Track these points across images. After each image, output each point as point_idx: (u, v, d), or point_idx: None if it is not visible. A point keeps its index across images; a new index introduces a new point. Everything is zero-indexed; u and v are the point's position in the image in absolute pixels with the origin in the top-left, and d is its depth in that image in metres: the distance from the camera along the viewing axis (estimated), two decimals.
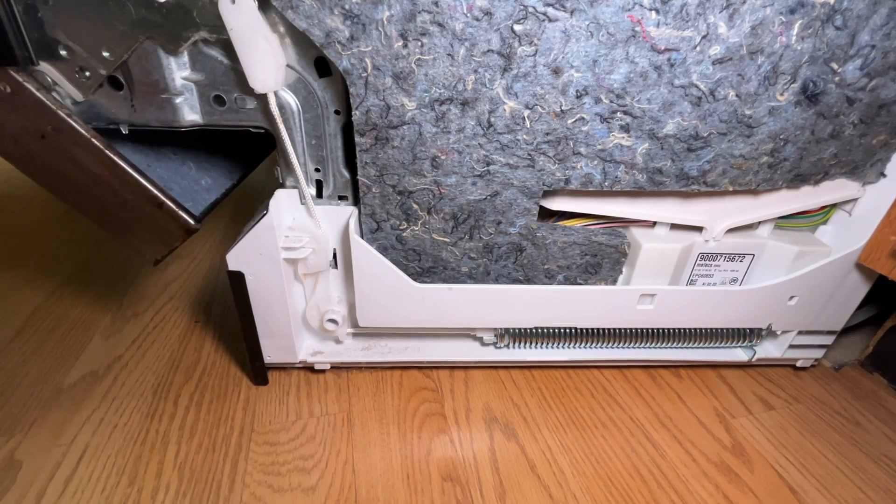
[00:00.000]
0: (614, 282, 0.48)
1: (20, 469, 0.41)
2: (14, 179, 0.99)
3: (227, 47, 0.36)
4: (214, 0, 0.33)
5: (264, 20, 0.34)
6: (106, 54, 0.35)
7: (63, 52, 0.35)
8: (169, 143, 0.43)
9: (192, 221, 0.40)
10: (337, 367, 0.53)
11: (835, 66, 0.37)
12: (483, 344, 0.53)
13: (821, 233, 0.50)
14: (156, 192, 0.39)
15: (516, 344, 0.52)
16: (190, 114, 0.38)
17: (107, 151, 0.37)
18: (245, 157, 0.39)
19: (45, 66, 0.35)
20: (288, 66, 0.37)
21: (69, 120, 0.36)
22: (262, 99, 0.37)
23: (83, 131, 0.36)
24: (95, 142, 0.36)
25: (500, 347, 0.52)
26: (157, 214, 0.39)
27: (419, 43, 0.34)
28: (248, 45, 0.34)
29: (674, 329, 0.51)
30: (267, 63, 0.35)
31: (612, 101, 0.37)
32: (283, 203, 0.43)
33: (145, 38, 0.35)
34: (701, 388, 0.53)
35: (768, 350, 0.55)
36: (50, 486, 0.40)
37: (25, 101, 0.34)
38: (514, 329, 0.51)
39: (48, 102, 0.35)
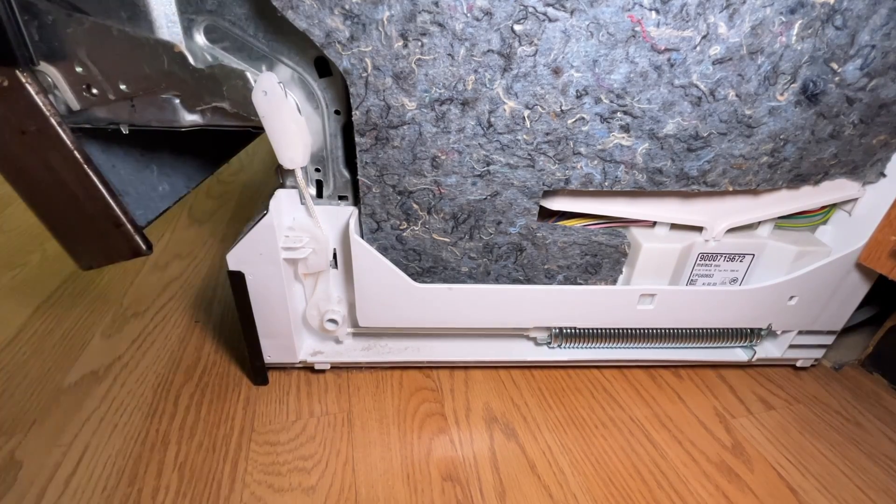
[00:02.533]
0: (614, 282, 0.48)
1: (20, 469, 0.41)
2: None
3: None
4: (248, 86, 0.36)
5: (292, 105, 0.37)
6: (122, 86, 0.36)
7: (78, 69, 0.35)
8: (139, 140, 0.43)
9: (143, 247, 0.40)
10: (337, 367, 0.53)
11: (835, 66, 0.37)
12: (537, 344, 0.53)
13: (821, 233, 0.50)
14: (119, 212, 0.38)
15: (569, 344, 0.52)
16: (190, 114, 0.38)
17: (84, 165, 0.36)
18: (214, 154, 0.39)
19: (49, 70, 0.35)
20: (288, 65, 0.37)
21: (57, 127, 0.35)
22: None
23: (67, 142, 0.36)
24: (76, 154, 0.36)
25: (553, 348, 0.53)
26: (112, 232, 0.39)
27: (419, 43, 0.34)
28: (278, 130, 0.37)
29: (674, 329, 0.51)
30: (296, 144, 0.38)
31: (612, 101, 0.37)
32: (283, 203, 0.43)
33: (167, 87, 0.36)
34: (701, 388, 0.53)
35: (768, 350, 0.55)
36: (50, 486, 0.40)
37: (19, 97, 0.34)
38: (567, 329, 0.51)
39: (41, 105, 0.35)
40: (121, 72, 0.35)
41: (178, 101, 0.37)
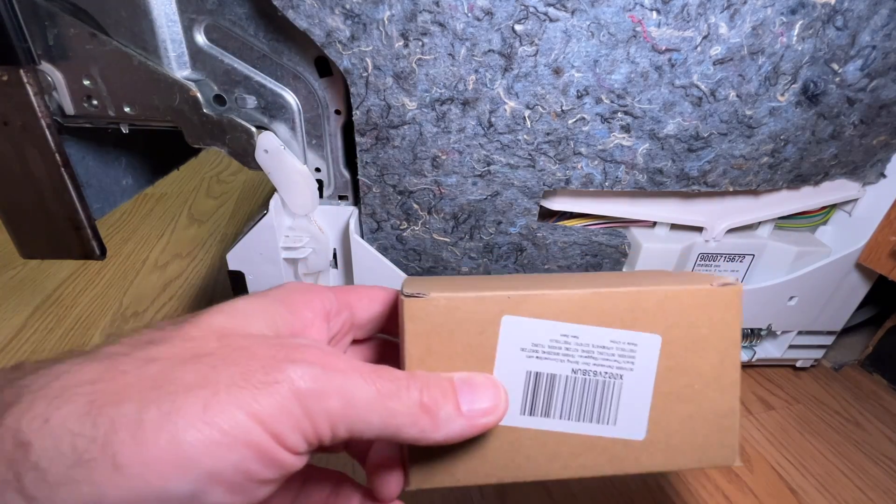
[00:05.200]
0: None
1: None
2: None
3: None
4: (252, 142, 0.38)
5: (294, 157, 0.39)
6: (127, 109, 0.36)
7: (86, 82, 0.35)
8: (116, 132, 0.42)
9: (97, 252, 0.40)
10: None
11: (835, 66, 0.37)
12: None
13: (821, 233, 0.50)
14: (82, 216, 0.38)
15: None
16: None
17: (62, 168, 0.37)
18: (186, 146, 0.39)
19: (52, 72, 0.35)
20: (288, 65, 0.37)
21: (45, 129, 0.35)
22: (265, 97, 0.38)
23: (51, 143, 0.36)
24: (57, 156, 0.36)
25: None
26: (68, 232, 0.39)
27: (420, 43, 0.34)
28: (284, 182, 0.40)
29: None
30: (303, 191, 0.41)
31: (612, 102, 0.37)
32: (283, 203, 0.43)
33: (172, 120, 0.37)
34: None
35: (768, 350, 0.55)
36: None
37: (14, 93, 0.34)
38: None
39: (35, 105, 0.35)
40: (129, 96, 0.36)
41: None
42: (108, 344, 0.17)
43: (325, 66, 0.37)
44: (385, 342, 0.29)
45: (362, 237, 0.43)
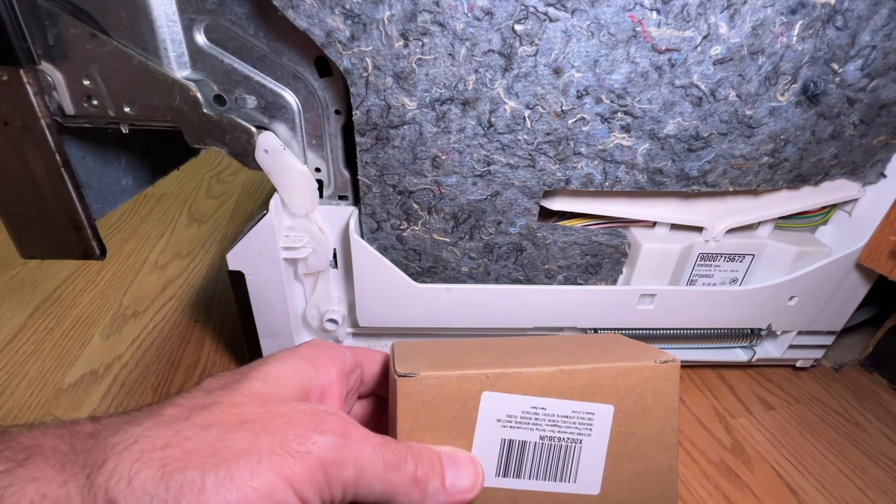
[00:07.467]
0: (614, 282, 0.48)
1: None
2: None
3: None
4: (252, 142, 0.38)
5: (294, 157, 0.39)
6: (126, 109, 0.36)
7: (86, 82, 0.35)
8: (116, 132, 0.41)
9: (97, 252, 0.40)
10: None
11: (835, 66, 0.37)
12: None
13: (821, 233, 0.50)
14: (82, 216, 0.38)
15: None
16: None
17: (62, 168, 0.37)
18: (187, 146, 0.39)
19: (52, 72, 0.35)
20: (288, 64, 0.37)
21: (45, 129, 0.35)
22: (265, 97, 0.38)
23: (51, 143, 0.36)
24: (57, 156, 0.36)
25: None
26: (69, 231, 0.39)
27: (420, 43, 0.34)
28: (284, 182, 0.40)
29: (674, 329, 0.51)
30: (302, 192, 0.41)
31: (612, 102, 0.37)
32: (283, 203, 0.43)
33: (172, 120, 0.37)
34: (701, 388, 0.53)
35: (768, 350, 0.55)
36: None
37: (14, 93, 0.34)
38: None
39: (35, 105, 0.35)
40: (129, 96, 0.36)
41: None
42: (170, 404, 0.21)
43: (325, 66, 0.37)
44: (378, 398, 0.33)
45: (362, 237, 0.43)
